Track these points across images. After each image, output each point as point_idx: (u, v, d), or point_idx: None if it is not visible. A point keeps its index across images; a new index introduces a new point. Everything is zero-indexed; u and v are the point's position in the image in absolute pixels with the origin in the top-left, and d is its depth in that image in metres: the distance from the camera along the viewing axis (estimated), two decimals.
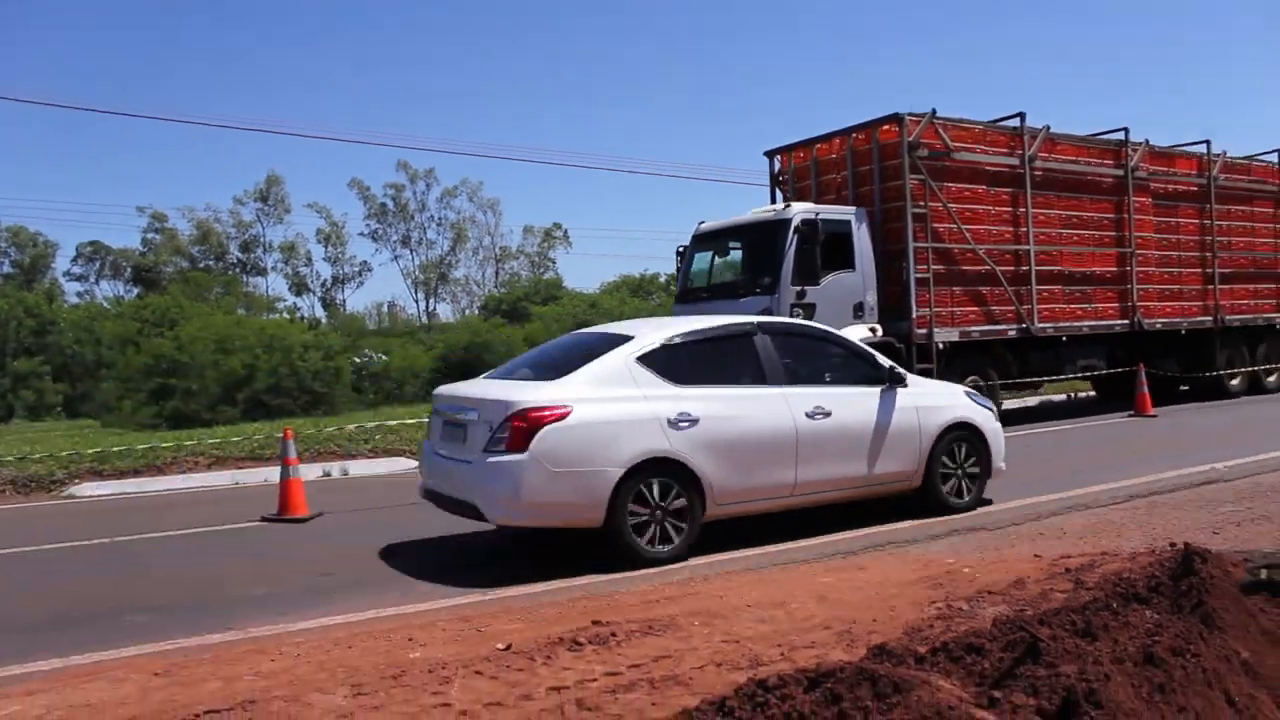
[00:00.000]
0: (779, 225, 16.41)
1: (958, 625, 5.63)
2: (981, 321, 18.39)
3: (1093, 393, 25.10)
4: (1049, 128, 19.63)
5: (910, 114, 17.58)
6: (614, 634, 6.16)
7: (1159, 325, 21.38)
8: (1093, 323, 20.26)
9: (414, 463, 15.22)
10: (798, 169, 19.80)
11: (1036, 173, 19.22)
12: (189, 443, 18.10)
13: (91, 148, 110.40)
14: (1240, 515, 9.14)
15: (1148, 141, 21.45)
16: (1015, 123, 19.27)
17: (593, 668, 5.54)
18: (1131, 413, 19.56)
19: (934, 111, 17.92)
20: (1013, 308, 18.64)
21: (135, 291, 77.26)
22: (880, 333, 16.51)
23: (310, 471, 14.25)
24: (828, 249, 16.29)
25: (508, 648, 5.97)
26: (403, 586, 8.05)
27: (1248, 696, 3.63)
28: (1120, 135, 21.04)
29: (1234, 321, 22.82)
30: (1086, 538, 8.56)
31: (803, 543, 8.95)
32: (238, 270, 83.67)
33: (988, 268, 18.33)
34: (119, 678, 5.79)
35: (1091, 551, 7.84)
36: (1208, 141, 22.85)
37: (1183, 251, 22.14)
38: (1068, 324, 19.82)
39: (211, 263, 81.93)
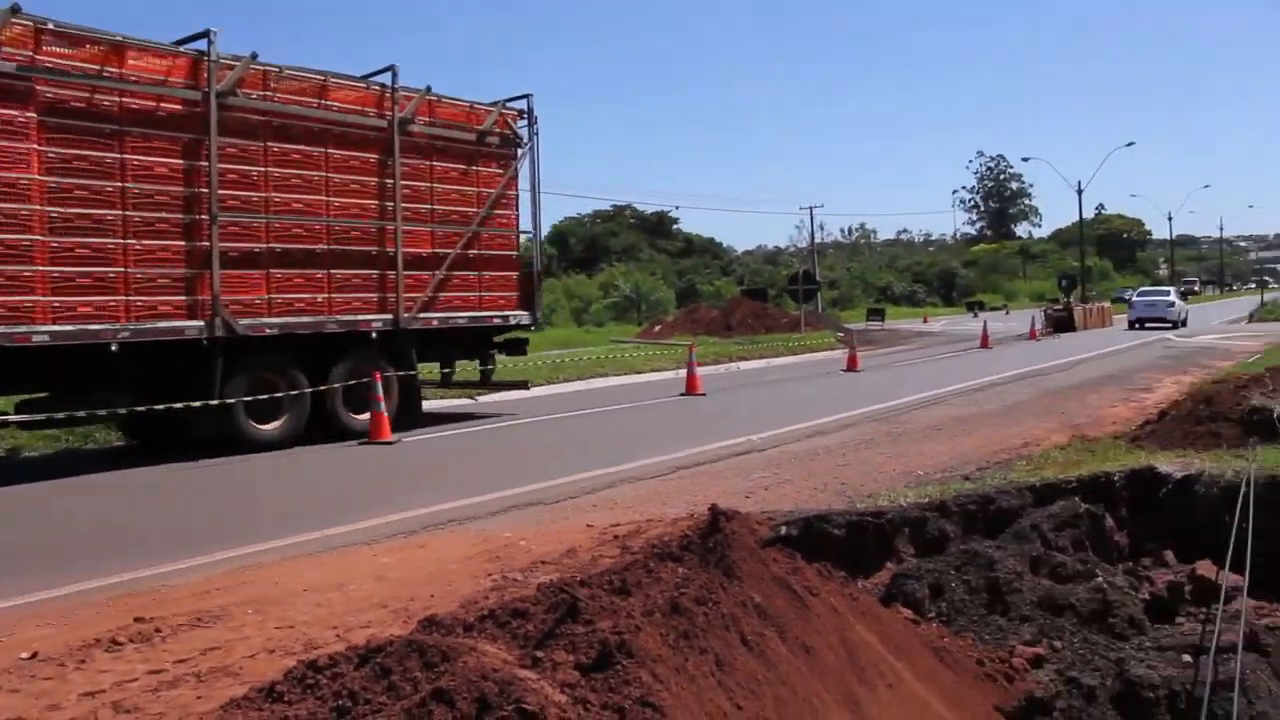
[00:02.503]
0: None
1: (511, 594, 5.81)
2: None
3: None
4: None
5: None
6: (159, 630, 5.83)
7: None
8: None
9: None
10: None
11: None
12: None
13: None
14: (768, 480, 10.09)
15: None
16: None
17: (134, 667, 5.22)
18: (682, 393, 20.98)
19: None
20: None
21: None
22: None
23: None
24: None
25: (33, 656, 5.48)
26: None
27: (759, 635, 4.03)
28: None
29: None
30: (636, 507, 9.09)
31: (363, 524, 8.87)
32: None
33: None
34: None
35: (639, 519, 8.35)
36: None
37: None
38: None
39: None
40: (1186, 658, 6.42)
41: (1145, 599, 7.42)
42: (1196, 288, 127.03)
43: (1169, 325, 44.70)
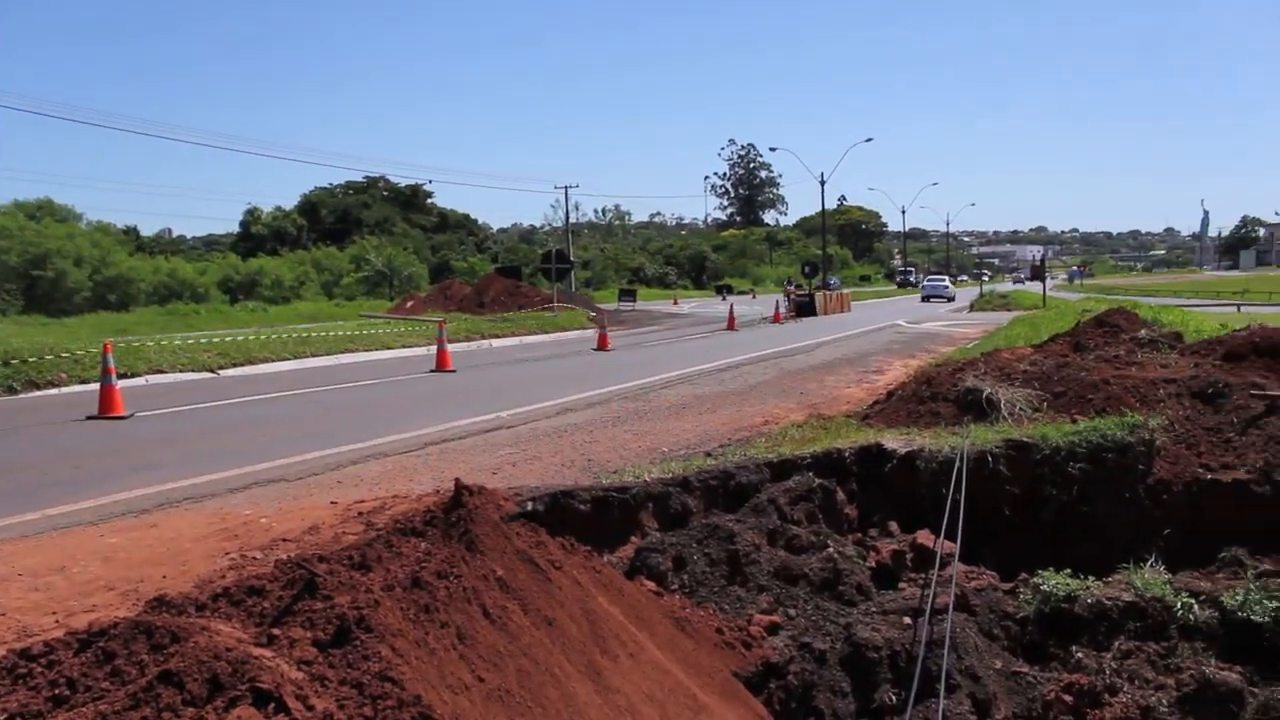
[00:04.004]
0: None
1: (250, 573, 5.62)
2: None
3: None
4: None
5: None
6: None
7: None
8: None
9: None
10: None
11: None
12: None
13: None
14: (517, 456, 10.13)
15: None
16: None
17: None
18: (433, 369, 20.75)
19: None
20: None
21: None
22: None
23: None
24: None
25: None
26: None
27: (500, 607, 4.06)
28: None
29: None
30: (382, 483, 8.95)
31: (89, 503, 8.37)
32: None
33: None
34: None
35: (385, 495, 8.23)
36: None
37: None
38: None
39: None
40: (907, 620, 6.88)
41: (872, 567, 7.89)
42: (962, 277, 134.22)
43: (948, 299, 64.26)
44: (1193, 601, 7.21)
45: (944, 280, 75.91)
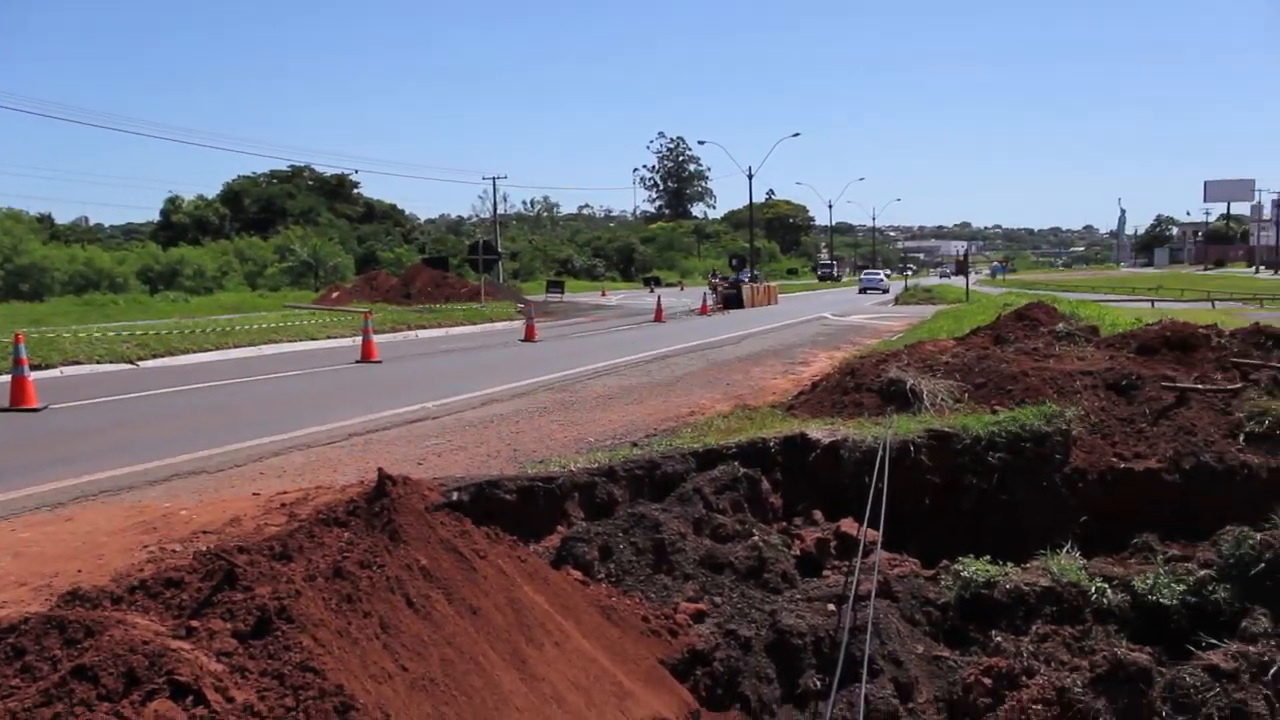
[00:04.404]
0: None
1: (168, 566, 5.53)
2: None
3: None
4: None
5: None
6: None
7: None
8: None
9: None
10: None
11: None
12: None
13: None
14: (442, 447, 10.07)
15: None
16: None
17: None
18: (358, 360, 20.54)
19: None
20: None
21: None
22: None
23: None
24: None
25: None
26: None
27: (425, 597, 4.04)
28: None
29: None
30: (306, 474, 8.85)
31: None
32: None
33: None
34: None
35: (309, 487, 8.13)
36: None
37: None
38: None
39: None
40: (831, 606, 6.97)
41: (797, 555, 7.97)
42: (888, 272, 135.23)
43: (883, 290, 70.17)
44: (1106, 586, 7.39)
45: (880, 274, 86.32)
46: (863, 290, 73.98)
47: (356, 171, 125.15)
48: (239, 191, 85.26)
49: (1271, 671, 6.01)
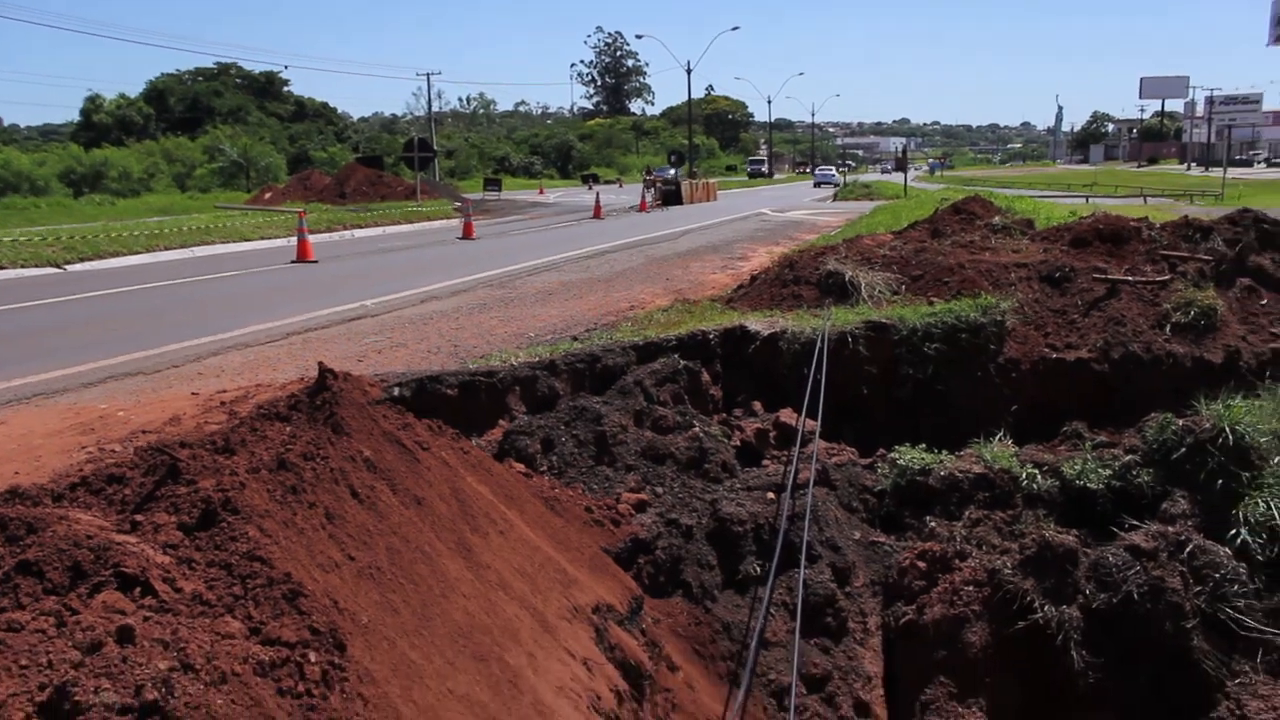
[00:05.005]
0: None
1: (109, 463, 5.50)
2: None
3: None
4: None
5: None
6: None
7: None
8: None
9: None
10: None
11: None
12: None
13: None
14: (382, 344, 10.03)
15: None
16: None
17: None
18: (294, 260, 20.26)
19: None
20: None
21: None
22: None
23: None
24: None
25: None
26: None
27: (369, 487, 4.07)
28: None
29: None
30: (245, 373, 8.77)
31: None
32: None
33: None
34: None
35: (248, 385, 8.07)
36: None
37: None
38: None
39: None
40: (770, 495, 7.12)
41: (737, 445, 8.11)
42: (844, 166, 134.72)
43: (835, 185, 73.11)
44: (1037, 472, 7.61)
45: (832, 170, 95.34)
46: (817, 184, 79.18)
47: (286, 68, 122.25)
48: (163, 90, 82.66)
49: (1187, 550, 6.27)
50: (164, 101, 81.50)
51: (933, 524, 7.39)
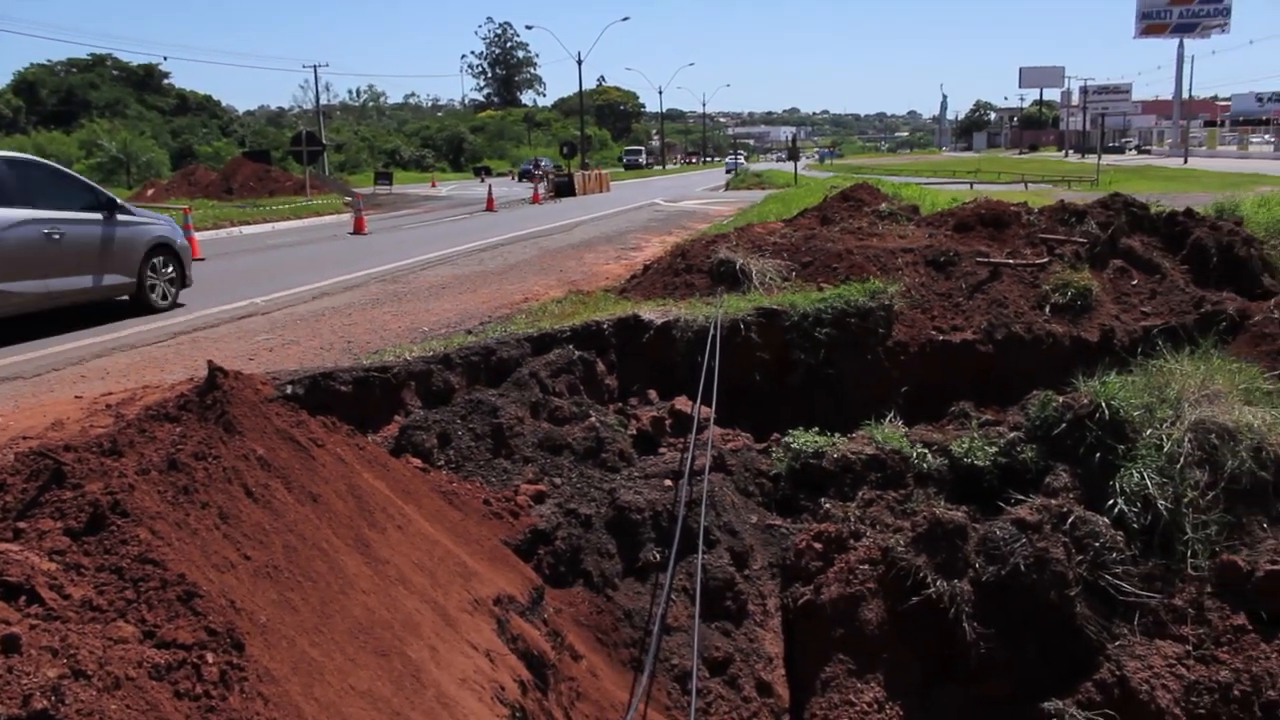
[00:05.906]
0: None
1: None
2: None
3: None
4: None
5: None
6: None
7: None
8: None
9: None
10: None
11: None
12: None
13: None
14: (274, 342, 9.87)
15: None
16: None
17: None
18: None
19: None
20: None
21: None
22: None
23: None
24: None
25: None
26: None
27: (263, 486, 4.02)
28: None
29: None
30: (131, 375, 8.57)
31: None
32: None
33: None
34: None
35: (134, 387, 7.88)
36: None
37: None
38: None
39: None
40: (668, 482, 7.19)
41: (633, 434, 8.16)
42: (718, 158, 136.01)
43: (728, 171, 74.16)
44: (926, 452, 7.81)
45: (737, 159, 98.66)
46: (728, 171, 79.24)
47: (166, 60, 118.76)
48: (33, 82, 79.80)
49: (1069, 521, 6.51)
50: (35, 94, 78.73)
51: (828, 505, 7.54)
